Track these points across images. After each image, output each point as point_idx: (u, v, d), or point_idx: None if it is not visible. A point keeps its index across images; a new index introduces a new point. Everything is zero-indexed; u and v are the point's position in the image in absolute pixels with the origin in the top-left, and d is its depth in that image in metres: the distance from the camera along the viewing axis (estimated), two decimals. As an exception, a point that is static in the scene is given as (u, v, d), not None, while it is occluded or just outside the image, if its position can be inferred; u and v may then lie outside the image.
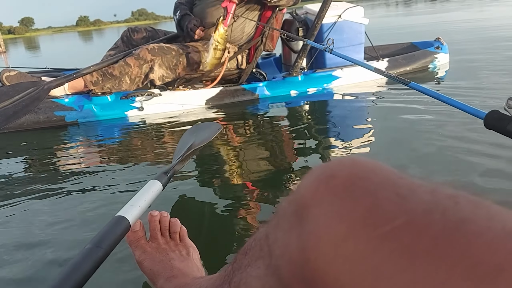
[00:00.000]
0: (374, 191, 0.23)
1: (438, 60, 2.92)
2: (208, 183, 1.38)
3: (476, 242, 0.19)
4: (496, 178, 1.19)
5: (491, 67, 2.70)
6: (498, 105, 0.82)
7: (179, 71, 2.40)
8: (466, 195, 0.22)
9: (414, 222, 0.21)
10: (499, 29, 4.59)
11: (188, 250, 0.76)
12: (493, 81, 2.33)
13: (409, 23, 7.37)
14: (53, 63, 2.84)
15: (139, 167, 1.53)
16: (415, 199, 0.22)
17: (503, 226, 0.20)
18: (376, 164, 0.26)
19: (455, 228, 0.20)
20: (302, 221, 0.24)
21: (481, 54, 3.25)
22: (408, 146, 1.53)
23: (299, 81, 2.54)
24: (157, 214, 0.76)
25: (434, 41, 3.08)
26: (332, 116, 2.12)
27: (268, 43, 2.66)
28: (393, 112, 1.94)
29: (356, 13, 2.65)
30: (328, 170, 0.25)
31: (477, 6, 9.38)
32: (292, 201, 0.26)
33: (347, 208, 0.23)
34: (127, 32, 2.72)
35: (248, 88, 2.46)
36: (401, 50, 3.17)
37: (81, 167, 1.59)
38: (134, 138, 1.96)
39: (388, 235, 0.21)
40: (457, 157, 1.36)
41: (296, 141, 1.73)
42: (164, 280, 0.67)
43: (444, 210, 0.21)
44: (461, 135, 1.54)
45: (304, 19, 2.76)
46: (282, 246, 0.26)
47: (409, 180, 0.24)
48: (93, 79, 2.29)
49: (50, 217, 1.18)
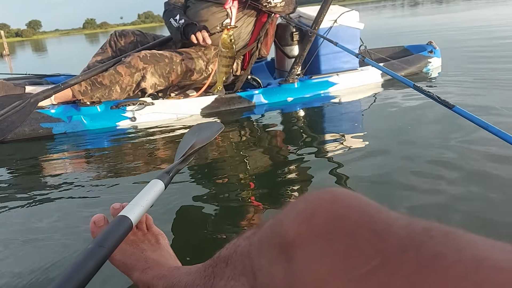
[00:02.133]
0: (352, 231, 0.24)
1: (431, 64, 2.91)
2: (208, 183, 1.39)
3: (447, 276, 0.19)
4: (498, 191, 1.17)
5: (486, 71, 2.70)
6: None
7: (172, 79, 2.30)
8: (439, 227, 0.22)
9: (389, 262, 0.21)
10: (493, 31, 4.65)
11: (157, 237, 0.76)
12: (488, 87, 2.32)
13: (403, 25, 7.41)
14: (59, 66, 2.67)
15: (133, 180, 1.45)
16: (391, 236, 0.23)
17: (473, 256, 0.20)
18: (355, 198, 0.26)
19: (427, 264, 0.20)
20: (288, 259, 0.26)
21: (473, 56, 3.27)
22: (407, 152, 1.50)
23: (296, 88, 2.48)
24: (119, 206, 0.75)
25: (426, 45, 3.07)
26: (330, 124, 2.08)
27: (262, 49, 2.59)
28: (391, 118, 1.91)
29: (352, 18, 2.61)
30: (309, 207, 0.26)
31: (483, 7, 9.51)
32: (275, 233, 0.27)
33: (328, 250, 0.24)
34: (114, 36, 2.58)
35: (244, 96, 2.38)
36: (393, 54, 3.15)
37: (69, 181, 1.49)
38: (127, 150, 1.85)
39: (365, 277, 0.21)
40: (454, 163, 1.35)
41: (293, 149, 1.68)
42: (139, 272, 0.66)
43: (418, 246, 0.21)
44: (461, 143, 1.52)
45: (298, 23, 2.70)
46: (267, 276, 0.28)
47: (386, 214, 0.25)
48: (81, 88, 2.17)
49: (31, 231, 1.14)
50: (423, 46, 3.08)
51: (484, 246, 0.21)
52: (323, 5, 2.29)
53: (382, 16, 13.32)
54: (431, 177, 1.26)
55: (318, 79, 2.55)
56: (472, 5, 10.75)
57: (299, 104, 2.41)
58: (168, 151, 1.79)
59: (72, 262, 0.51)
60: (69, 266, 0.51)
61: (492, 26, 5.36)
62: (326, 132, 1.91)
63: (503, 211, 1.05)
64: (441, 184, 1.21)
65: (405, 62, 2.82)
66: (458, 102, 1.73)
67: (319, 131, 1.95)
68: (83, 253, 0.53)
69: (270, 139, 1.86)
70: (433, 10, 11.27)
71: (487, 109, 1.87)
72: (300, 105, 2.40)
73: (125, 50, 2.52)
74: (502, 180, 1.21)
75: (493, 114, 1.79)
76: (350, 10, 2.62)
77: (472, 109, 1.75)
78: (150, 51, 2.25)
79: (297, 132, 1.95)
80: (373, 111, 2.15)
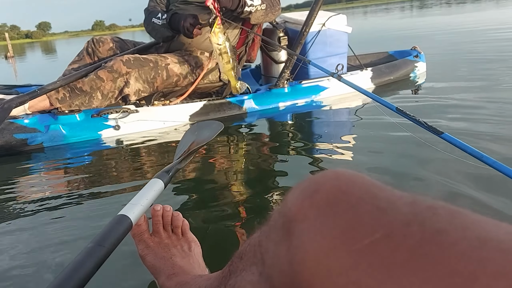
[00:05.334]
0: (355, 205, 0.23)
1: (418, 69, 2.89)
2: (208, 183, 1.38)
3: (451, 252, 0.19)
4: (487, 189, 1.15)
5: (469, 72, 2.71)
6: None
7: (157, 85, 2.16)
8: (444, 205, 0.22)
9: (392, 235, 0.21)
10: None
11: (190, 244, 0.77)
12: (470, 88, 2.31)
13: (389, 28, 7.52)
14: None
15: (120, 198, 1.31)
16: (394, 212, 0.22)
17: (477, 235, 0.20)
18: (359, 176, 0.26)
19: (431, 239, 0.20)
20: (290, 235, 0.25)
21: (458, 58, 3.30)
22: (396, 157, 1.47)
23: (286, 93, 2.39)
24: (160, 208, 0.77)
25: (411, 50, 3.06)
26: (322, 128, 2.01)
27: (250, 53, 2.50)
28: (382, 123, 1.86)
29: (339, 22, 2.56)
30: (313, 184, 0.26)
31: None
32: (281, 213, 0.27)
33: (330, 223, 0.23)
34: (91, 43, 2.42)
35: (234, 101, 2.27)
36: (377, 61, 3.12)
37: (47, 201, 1.34)
38: (111, 162, 1.69)
39: (367, 249, 0.21)
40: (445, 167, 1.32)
41: (291, 150, 1.61)
42: (165, 277, 0.68)
43: (422, 222, 0.21)
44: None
45: (285, 28, 2.63)
46: (273, 257, 0.28)
47: (389, 192, 0.24)
48: (59, 95, 2.00)
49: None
50: (408, 51, 3.07)
51: (488, 226, 0.20)
52: (314, 7, 2.22)
53: (369, 19, 13.64)
54: (424, 189, 1.20)
55: (309, 83, 2.47)
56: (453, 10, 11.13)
57: (291, 109, 2.33)
58: (157, 162, 1.66)
59: (71, 261, 0.51)
60: (68, 265, 0.50)
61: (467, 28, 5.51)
62: (318, 138, 1.83)
63: None
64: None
65: (393, 67, 2.79)
66: (450, 121, 1.71)
67: (311, 138, 1.86)
68: (82, 252, 0.53)
69: (258, 147, 1.78)
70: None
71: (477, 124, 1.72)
72: (292, 110, 2.32)
73: (103, 58, 2.37)
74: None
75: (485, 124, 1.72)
76: (337, 14, 2.57)
77: (463, 127, 1.68)
78: (133, 55, 2.11)
79: (291, 137, 1.86)
80: (365, 116, 2.08)
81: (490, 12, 9.63)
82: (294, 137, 1.86)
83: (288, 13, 2.80)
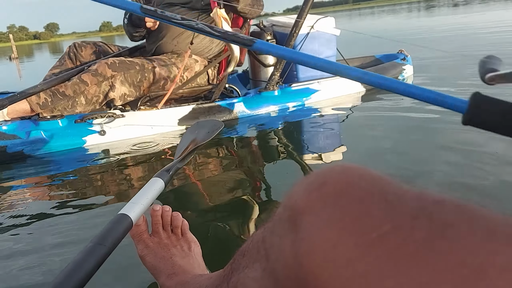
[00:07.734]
0: (363, 198, 0.23)
1: (405, 71, 2.89)
2: (208, 183, 1.37)
3: (459, 245, 0.19)
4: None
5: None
6: None
7: (144, 89, 2.09)
8: (451, 199, 0.22)
9: (400, 227, 0.21)
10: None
11: (189, 244, 0.77)
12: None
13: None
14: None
15: (110, 209, 1.24)
16: (402, 205, 0.22)
17: (485, 227, 0.20)
18: (366, 170, 0.26)
19: (439, 232, 0.20)
20: (296, 228, 0.25)
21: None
22: (391, 156, 1.46)
23: (276, 96, 2.33)
24: (159, 208, 0.77)
25: (397, 53, 3.06)
26: (313, 134, 1.95)
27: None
28: (375, 123, 1.86)
29: (328, 24, 2.54)
30: (320, 177, 0.26)
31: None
32: (286, 207, 0.27)
33: (337, 216, 0.23)
34: (73, 47, 2.33)
35: (224, 105, 2.20)
36: (365, 64, 3.11)
37: (28, 213, 1.25)
38: (97, 170, 1.60)
39: (375, 241, 0.21)
40: (441, 163, 1.33)
41: (290, 150, 1.59)
42: (165, 277, 0.68)
43: (429, 214, 0.21)
44: (443, 140, 1.51)
45: (273, 31, 2.59)
46: (277, 251, 0.27)
47: (397, 185, 0.24)
48: (40, 100, 1.90)
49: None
50: (394, 54, 3.07)
51: (497, 220, 0.20)
52: (303, 7, 2.19)
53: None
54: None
55: (299, 86, 2.42)
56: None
57: (281, 113, 2.28)
58: (146, 168, 1.57)
59: (72, 260, 0.50)
60: (69, 264, 0.50)
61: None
62: (312, 139, 1.81)
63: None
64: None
65: (381, 70, 2.77)
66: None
67: (305, 139, 1.83)
68: (83, 251, 0.53)
69: (254, 149, 1.75)
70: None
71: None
72: (283, 112, 2.27)
73: (86, 62, 2.28)
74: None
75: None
76: (325, 17, 2.55)
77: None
78: (118, 58, 2.03)
79: (286, 139, 1.81)
80: (357, 117, 2.07)
81: (491, 12, 9.93)
82: (289, 138, 1.82)
83: (276, 17, 2.77)
